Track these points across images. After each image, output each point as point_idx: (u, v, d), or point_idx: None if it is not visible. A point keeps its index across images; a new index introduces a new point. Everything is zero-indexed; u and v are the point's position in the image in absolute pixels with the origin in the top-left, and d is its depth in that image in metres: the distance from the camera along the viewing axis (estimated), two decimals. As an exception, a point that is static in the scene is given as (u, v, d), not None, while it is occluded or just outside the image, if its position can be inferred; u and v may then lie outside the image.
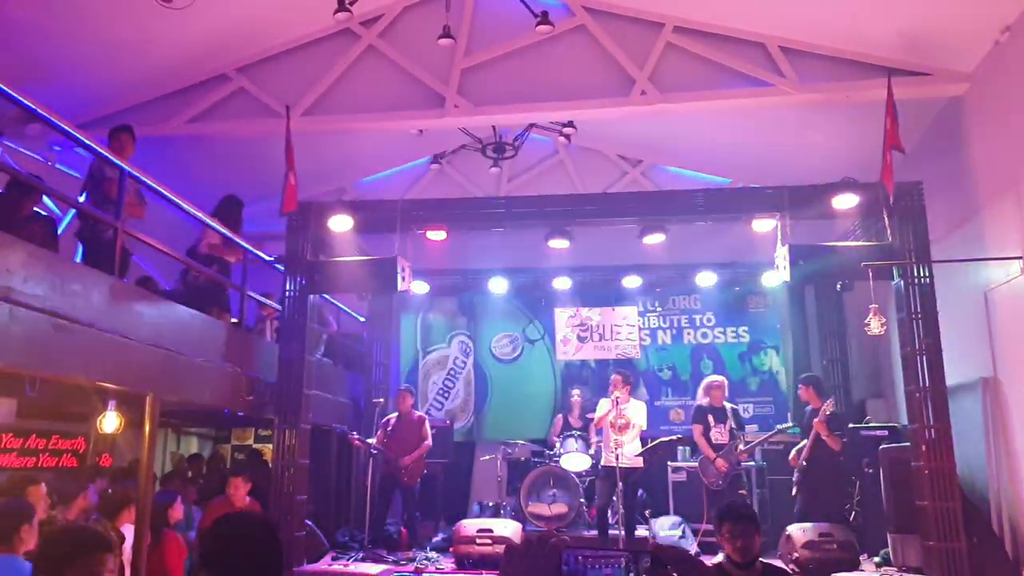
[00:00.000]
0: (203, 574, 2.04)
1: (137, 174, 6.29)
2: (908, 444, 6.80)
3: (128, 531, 5.53)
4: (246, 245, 7.57)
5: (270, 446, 9.65)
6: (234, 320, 7.46)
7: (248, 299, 7.69)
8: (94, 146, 6.07)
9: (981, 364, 6.98)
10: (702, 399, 7.99)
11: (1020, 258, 6.28)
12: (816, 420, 7.38)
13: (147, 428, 6.02)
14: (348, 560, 7.24)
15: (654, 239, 7.65)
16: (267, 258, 7.87)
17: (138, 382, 5.77)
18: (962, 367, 7.00)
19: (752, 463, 8.41)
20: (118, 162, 6.10)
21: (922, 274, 6.74)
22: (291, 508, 6.92)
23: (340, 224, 7.43)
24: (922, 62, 6.92)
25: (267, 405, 7.45)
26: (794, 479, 7.64)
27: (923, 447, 6.45)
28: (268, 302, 8.02)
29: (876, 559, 7.09)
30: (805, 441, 7.60)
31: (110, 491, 6.24)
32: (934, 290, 6.68)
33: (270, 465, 8.00)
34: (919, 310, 6.69)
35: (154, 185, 6.52)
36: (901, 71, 6.85)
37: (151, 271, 7.99)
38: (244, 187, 7.96)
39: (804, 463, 7.48)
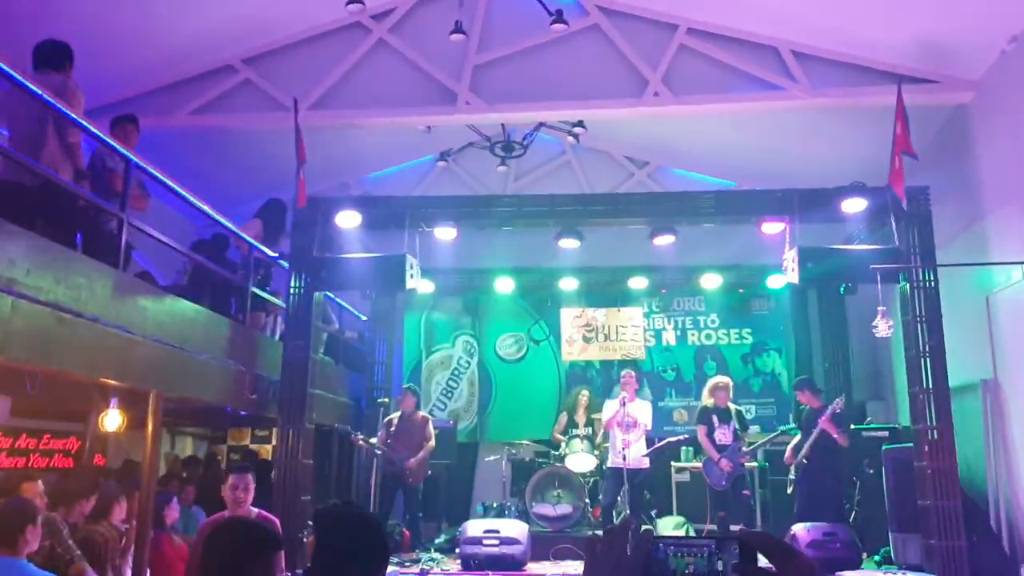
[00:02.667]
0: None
1: (144, 165, 6.14)
2: (910, 444, 6.88)
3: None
4: (252, 241, 7.42)
5: (267, 447, 9.51)
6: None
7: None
8: (99, 134, 5.90)
9: (982, 367, 7.12)
10: (707, 400, 8.02)
11: (1022, 263, 6.40)
12: (823, 418, 7.43)
13: (150, 426, 5.88)
14: (352, 562, 7.10)
15: (664, 240, 7.67)
16: (272, 254, 7.73)
17: (142, 378, 5.63)
18: (963, 369, 7.11)
19: (755, 464, 8.46)
20: (125, 152, 5.94)
21: (927, 278, 6.84)
22: (294, 509, 6.80)
23: (348, 220, 7.31)
24: (931, 69, 7.03)
25: (270, 404, 7.32)
26: (791, 476, 7.70)
27: (926, 447, 6.55)
28: (273, 299, 7.88)
29: (876, 558, 7.16)
30: (798, 438, 7.68)
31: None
32: (939, 294, 6.78)
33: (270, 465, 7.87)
34: (923, 313, 6.78)
35: (162, 177, 6.37)
36: (910, 78, 6.95)
37: (147, 266, 7.83)
38: (244, 182, 7.84)
39: (805, 461, 7.54)
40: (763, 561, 1.17)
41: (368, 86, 7.67)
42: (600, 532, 1.30)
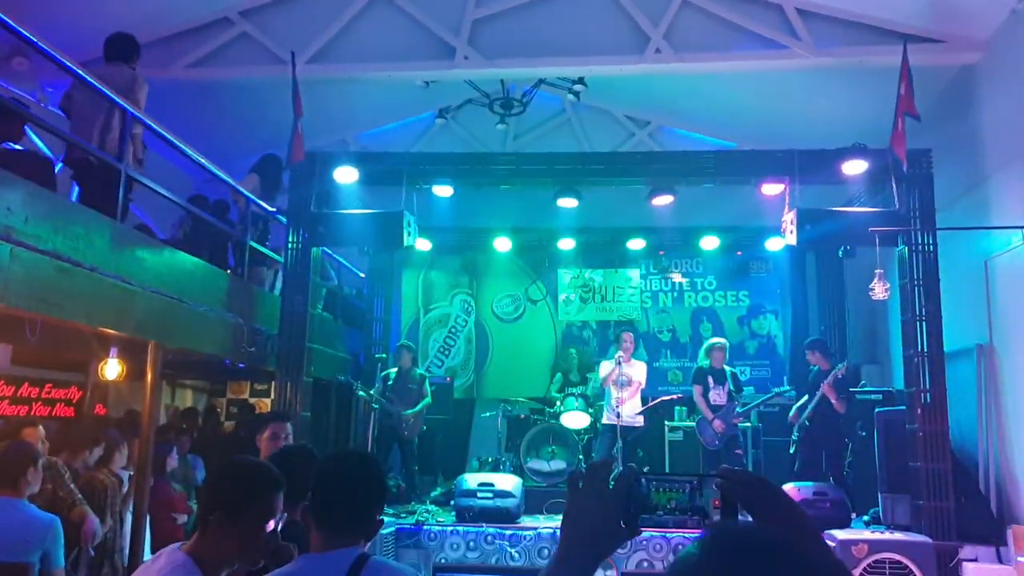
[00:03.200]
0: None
1: (143, 118, 6.11)
2: (903, 408, 6.93)
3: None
4: (251, 196, 7.41)
5: (266, 400, 9.62)
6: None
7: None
8: (97, 84, 5.86)
9: (978, 331, 7.12)
10: (703, 361, 8.07)
11: (1022, 228, 6.37)
12: (825, 383, 7.48)
13: (149, 376, 5.96)
14: (348, 513, 7.21)
15: (663, 200, 7.64)
16: (270, 209, 7.73)
17: (140, 329, 5.68)
18: (959, 333, 7.12)
19: (748, 424, 8.54)
20: (123, 103, 5.91)
21: (926, 241, 6.82)
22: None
23: (346, 176, 7.30)
24: (937, 29, 6.90)
25: (268, 357, 7.39)
26: (793, 437, 7.77)
27: (919, 410, 6.59)
28: (271, 253, 7.90)
29: (865, 517, 7.26)
30: (805, 398, 7.72)
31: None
32: (937, 258, 6.77)
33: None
34: (921, 277, 6.78)
35: (159, 128, 6.34)
36: (916, 37, 6.83)
37: (145, 220, 7.84)
38: (240, 137, 7.78)
39: (807, 422, 7.60)
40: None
41: (366, 40, 7.57)
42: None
